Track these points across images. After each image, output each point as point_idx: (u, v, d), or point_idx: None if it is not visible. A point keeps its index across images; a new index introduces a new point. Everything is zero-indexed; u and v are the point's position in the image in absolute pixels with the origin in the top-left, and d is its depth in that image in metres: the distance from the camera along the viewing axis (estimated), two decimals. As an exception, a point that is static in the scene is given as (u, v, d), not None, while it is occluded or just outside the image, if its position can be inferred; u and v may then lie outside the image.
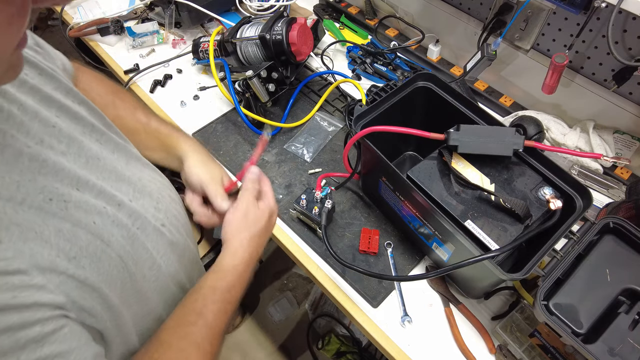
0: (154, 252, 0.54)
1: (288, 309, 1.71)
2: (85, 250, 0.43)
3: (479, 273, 0.73)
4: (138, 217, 0.52)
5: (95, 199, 0.47)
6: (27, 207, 0.40)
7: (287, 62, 1.05)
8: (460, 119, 0.77)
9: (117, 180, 0.52)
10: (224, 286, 0.57)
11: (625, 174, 0.95)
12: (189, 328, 0.52)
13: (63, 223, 0.42)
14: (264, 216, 0.65)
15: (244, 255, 0.61)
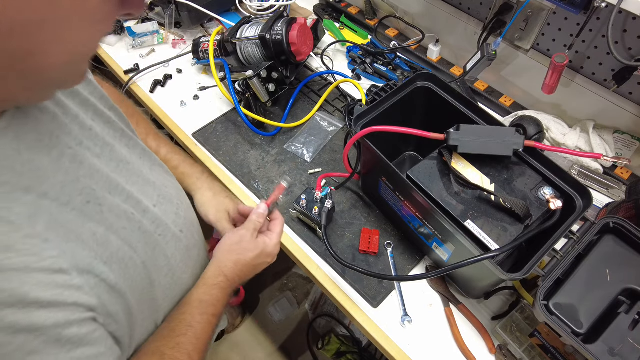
0: (171, 260, 0.56)
1: (288, 309, 1.71)
2: (116, 256, 0.45)
3: (479, 273, 0.73)
4: (160, 224, 0.54)
5: (125, 204, 0.49)
6: (70, 209, 0.41)
7: (287, 62, 1.05)
8: (460, 119, 0.77)
9: (144, 185, 0.54)
10: (210, 300, 0.61)
11: (625, 174, 0.95)
12: (179, 338, 0.55)
13: (98, 227, 0.44)
14: (257, 248, 0.68)
15: (227, 274, 0.65)
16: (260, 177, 0.99)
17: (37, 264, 0.36)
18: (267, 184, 0.98)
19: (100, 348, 0.41)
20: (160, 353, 0.52)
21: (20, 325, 0.34)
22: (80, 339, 0.38)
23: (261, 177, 0.99)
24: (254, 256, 0.68)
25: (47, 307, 0.36)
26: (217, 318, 0.61)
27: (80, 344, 0.38)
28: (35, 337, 0.35)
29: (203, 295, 0.61)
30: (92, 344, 0.40)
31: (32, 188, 0.38)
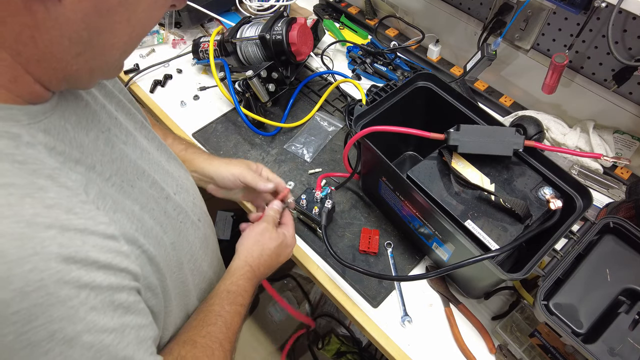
0: (192, 246, 0.58)
1: (288, 309, 1.72)
2: (150, 233, 0.47)
3: (479, 273, 0.73)
4: (181, 211, 0.56)
5: (150, 189, 0.51)
6: (111, 185, 0.44)
7: (287, 62, 1.05)
8: (460, 119, 0.77)
9: (164, 174, 0.56)
10: (237, 290, 0.63)
11: (625, 174, 0.95)
12: (210, 327, 0.56)
13: (134, 205, 0.46)
14: (278, 238, 0.71)
15: (252, 264, 0.67)
16: (260, 177, 0.99)
17: (94, 227, 0.38)
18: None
19: (144, 320, 0.43)
20: (192, 341, 0.54)
21: (83, 281, 0.36)
22: (129, 306, 0.40)
23: (261, 177, 0.99)
24: (277, 245, 0.71)
25: (104, 268, 0.38)
26: (245, 308, 0.63)
27: (129, 311, 0.40)
28: (96, 295, 0.37)
29: (230, 286, 0.63)
30: (138, 314, 0.42)
31: (81, 161, 0.42)
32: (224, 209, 1.82)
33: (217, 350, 0.54)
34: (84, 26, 0.35)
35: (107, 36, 0.38)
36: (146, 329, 0.43)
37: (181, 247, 0.54)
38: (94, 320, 0.36)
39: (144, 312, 0.43)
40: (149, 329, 0.43)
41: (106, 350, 0.37)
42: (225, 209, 1.82)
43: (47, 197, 0.36)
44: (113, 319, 0.38)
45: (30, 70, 0.37)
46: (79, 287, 0.35)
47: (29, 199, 0.35)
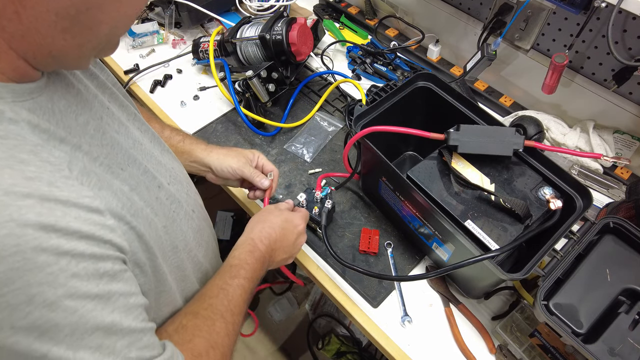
0: (186, 235, 0.59)
1: (288, 309, 1.71)
2: (140, 213, 0.47)
3: (479, 273, 0.73)
4: (174, 201, 0.57)
5: (142, 176, 0.52)
6: (99, 164, 0.45)
7: (287, 62, 1.05)
8: (460, 119, 0.77)
9: (157, 165, 0.57)
10: (239, 264, 0.64)
11: (625, 174, 0.95)
12: (212, 300, 0.57)
13: (123, 185, 0.46)
14: (282, 215, 0.74)
15: (254, 237, 0.69)
16: (260, 177, 0.99)
17: (76, 200, 0.39)
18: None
19: (133, 288, 0.43)
20: (195, 312, 0.55)
21: (63, 249, 0.36)
22: (114, 274, 0.40)
23: (261, 177, 0.99)
24: (282, 220, 0.73)
25: (86, 239, 0.38)
26: (250, 282, 0.63)
27: (115, 279, 0.40)
28: (77, 262, 0.37)
29: (232, 260, 0.65)
30: (125, 282, 0.42)
31: (66, 140, 0.42)
32: (224, 209, 1.82)
33: (218, 321, 0.55)
34: (70, 3, 0.35)
35: (95, 12, 0.37)
36: (135, 297, 0.43)
37: (174, 233, 0.55)
38: (75, 286, 0.37)
39: (132, 281, 0.43)
40: (138, 298, 0.43)
41: (91, 315, 0.38)
42: (225, 209, 1.82)
43: (28, 170, 0.36)
44: (98, 286, 0.38)
45: (14, 46, 0.37)
46: (58, 255, 0.36)
47: (8, 170, 0.35)
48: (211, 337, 0.53)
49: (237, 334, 0.58)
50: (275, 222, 0.72)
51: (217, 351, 0.53)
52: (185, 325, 0.53)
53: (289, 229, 0.74)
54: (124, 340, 0.40)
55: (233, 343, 0.56)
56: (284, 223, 0.73)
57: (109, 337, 0.39)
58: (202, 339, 0.53)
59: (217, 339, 0.54)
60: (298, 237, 0.75)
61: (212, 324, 0.55)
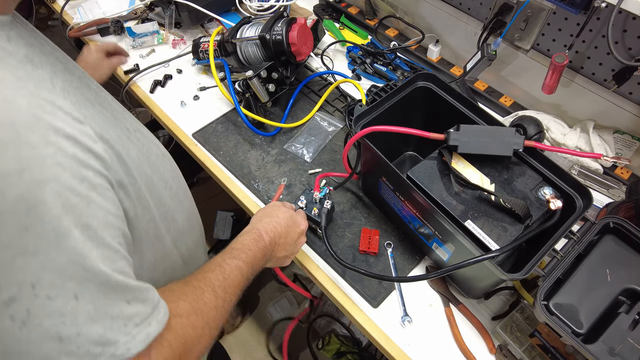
0: (164, 174, 0.60)
1: (288, 309, 1.71)
2: (119, 139, 0.48)
3: (479, 273, 0.73)
4: (145, 143, 0.58)
5: (113, 117, 0.52)
6: (75, 90, 0.45)
7: (287, 62, 1.05)
8: (460, 119, 0.77)
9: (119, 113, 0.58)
10: (241, 248, 0.65)
11: (625, 174, 0.95)
12: (207, 274, 0.58)
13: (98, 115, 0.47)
14: (287, 212, 0.76)
15: (259, 227, 0.70)
16: (260, 177, 0.99)
17: (61, 104, 0.40)
18: (267, 184, 0.98)
19: (113, 208, 0.43)
20: (185, 281, 0.55)
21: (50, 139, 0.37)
22: (95, 185, 0.40)
23: (261, 177, 0.99)
24: (287, 217, 0.75)
25: (71, 139, 0.39)
26: (249, 267, 0.63)
27: (95, 190, 0.40)
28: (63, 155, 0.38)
29: (235, 244, 0.66)
30: (106, 199, 0.42)
31: (44, 66, 0.43)
32: (224, 209, 1.82)
33: (208, 292, 0.54)
34: None
35: None
36: (115, 218, 0.43)
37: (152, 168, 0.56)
38: (60, 175, 0.37)
39: (113, 202, 0.43)
40: (118, 221, 0.43)
41: (75, 209, 0.38)
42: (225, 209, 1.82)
43: (17, 72, 0.38)
44: (80, 186, 0.38)
45: None
46: (47, 143, 0.37)
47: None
48: (197, 304, 0.52)
49: (227, 312, 0.57)
50: (282, 218, 0.74)
51: (199, 318, 0.51)
52: (173, 289, 0.53)
53: (293, 228, 0.75)
54: (100, 250, 0.40)
55: (220, 319, 0.55)
56: (289, 220, 0.74)
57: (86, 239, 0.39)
58: (186, 303, 0.52)
59: (203, 307, 0.53)
60: (299, 237, 0.76)
61: (202, 293, 0.54)
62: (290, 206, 0.80)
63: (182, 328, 0.48)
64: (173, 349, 0.46)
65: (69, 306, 0.37)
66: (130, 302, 0.42)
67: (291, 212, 0.77)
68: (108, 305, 0.40)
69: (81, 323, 0.38)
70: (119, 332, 0.40)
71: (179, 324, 0.48)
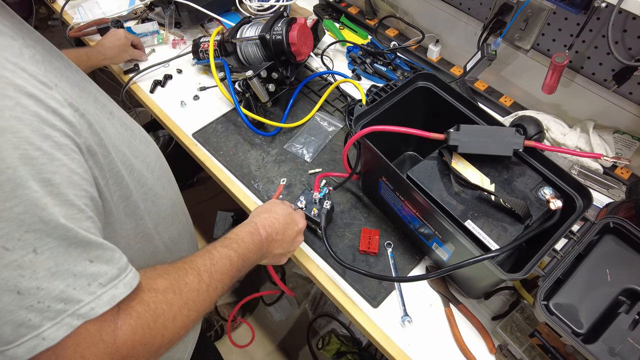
0: (147, 159, 0.61)
1: (288, 309, 1.71)
2: (94, 114, 0.48)
3: (479, 273, 0.73)
4: (128, 127, 0.59)
5: (94, 102, 0.53)
6: (49, 63, 0.46)
7: (287, 62, 1.05)
8: (460, 119, 0.77)
9: (109, 101, 0.59)
10: (234, 238, 0.65)
11: (625, 174, 0.95)
12: (195, 258, 0.58)
13: (74, 88, 0.48)
14: (286, 209, 0.76)
15: (257, 221, 0.70)
16: (260, 177, 0.99)
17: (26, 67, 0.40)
18: (267, 184, 0.98)
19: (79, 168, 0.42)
20: (173, 263, 0.55)
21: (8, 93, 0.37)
22: (60, 145, 0.40)
23: (261, 177, 0.99)
24: (286, 214, 0.75)
25: (33, 98, 0.39)
26: (240, 258, 0.63)
27: (60, 149, 0.40)
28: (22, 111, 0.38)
29: (229, 234, 0.66)
30: (72, 159, 0.41)
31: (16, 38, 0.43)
32: (224, 209, 1.83)
33: (192, 275, 0.54)
34: None
35: None
36: (80, 178, 0.42)
37: (131, 149, 0.56)
38: (18, 127, 0.37)
39: (80, 164, 0.43)
40: (85, 182, 0.43)
41: (34, 162, 0.37)
42: (225, 209, 1.82)
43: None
44: (42, 143, 0.38)
45: None
46: (4, 96, 0.37)
47: None
48: (177, 283, 0.52)
49: (211, 299, 0.56)
50: (280, 215, 0.74)
51: (177, 297, 0.50)
52: (156, 268, 0.53)
53: (291, 225, 0.75)
54: (62, 207, 0.39)
55: (202, 303, 0.54)
56: (287, 218, 0.74)
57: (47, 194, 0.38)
58: (165, 280, 0.51)
59: (183, 288, 0.52)
60: (297, 236, 0.76)
61: (185, 274, 0.53)
62: (289, 204, 0.80)
63: (156, 303, 0.48)
64: (142, 321, 0.45)
65: (27, 259, 0.37)
66: (93, 260, 0.41)
67: (290, 210, 0.77)
68: (69, 261, 0.39)
69: (41, 277, 0.38)
70: (82, 291, 0.40)
71: (153, 298, 0.48)
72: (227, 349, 1.65)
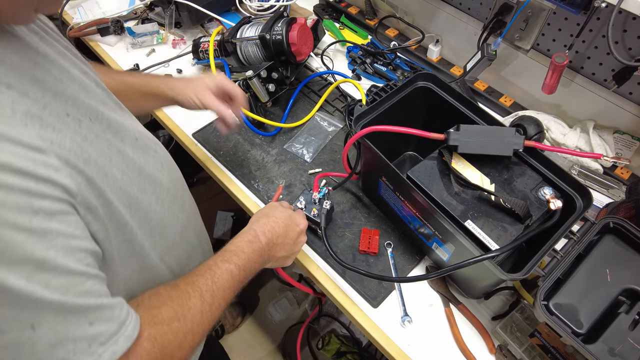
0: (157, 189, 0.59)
1: (288, 309, 1.71)
2: (95, 163, 0.46)
3: (479, 273, 0.73)
4: (143, 150, 0.58)
5: (104, 133, 0.51)
6: (49, 112, 0.43)
7: (287, 62, 1.05)
8: (460, 119, 0.77)
9: (119, 124, 0.56)
10: (234, 250, 0.64)
11: (625, 174, 0.95)
12: (196, 277, 0.57)
13: (76, 136, 0.45)
14: (285, 211, 0.75)
15: (256, 228, 0.70)
16: (260, 177, 0.99)
17: (15, 136, 0.37)
18: (267, 184, 0.98)
19: (76, 231, 0.41)
20: (175, 284, 0.55)
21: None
22: (53, 213, 0.38)
23: (261, 177, 0.99)
24: (285, 217, 0.74)
25: (19, 173, 0.36)
26: (241, 270, 0.62)
27: (53, 218, 0.38)
28: (5, 193, 0.35)
29: (229, 246, 0.65)
30: (68, 224, 0.40)
31: (13, 86, 0.40)
32: (224, 209, 1.83)
33: (195, 297, 0.54)
34: None
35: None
36: (79, 241, 0.41)
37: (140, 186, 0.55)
38: (3, 216, 0.35)
39: (77, 225, 0.41)
40: (84, 242, 0.42)
41: (19, 245, 0.36)
42: (225, 209, 1.83)
43: None
44: (31, 221, 0.37)
45: None
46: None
47: None
48: (181, 310, 0.52)
49: (214, 317, 0.57)
50: (280, 217, 0.73)
51: (182, 324, 0.51)
52: (160, 292, 0.53)
53: (292, 227, 0.74)
54: (60, 279, 0.38)
55: (206, 324, 0.55)
56: (287, 220, 0.74)
57: (42, 272, 0.37)
58: (170, 308, 0.51)
59: (187, 313, 0.52)
60: (299, 236, 0.76)
61: (188, 298, 0.54)
62: (287, 205, 0.79)
63: (162, 335, 0.48)
64: (150, 356, 0.46)
65: (25, 336, 0.37)
66: (93, 322, 0.41)
67: (289, 212, 0.76)
68: (68, 329, 0.39)
69: (41, 351, 0.37)
70: (83, 354, 0.40)
71: (159, 331, 0.48)
72: (228, 349, 1.65)
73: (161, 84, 0.82)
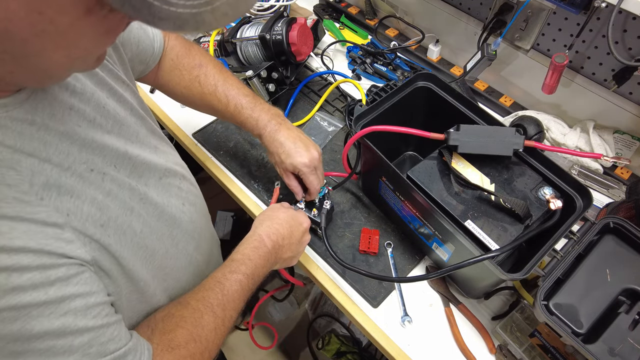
0: (176, 233, 0.60)
1: (288, 309, 1.71)
2: (114, 222, 0.47)
3: (479, 273, 0.73)
4: (166, 198, 0.58)
5: (129, 178, 0.52)
6: (70, 174, 0.44)
7: (287, 62, 1.05)
8: (460, 119, 0.77)
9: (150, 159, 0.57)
10: (241, 259, 0.64)
11: (626, 174, 0.95)
12: (206, 292, 0.58)
13: (97, 193, 0.46)
14: (288, 211, 0.75)
15: (261, 233, 0.69)
16: (260, 177, 0.99)
17: (30, 215, 0.39)
18: (267, 184, 0.97)
19: (92, 287, 0.43)
20: (186, 302, 0.55)
21: (3, 264, 0.36)
22: (68, 278, 0.40)
23: (261, 177, 0.99)
24: (288, 217, 0.73)
25: (33, 252, 0.38)
26: (250, 279, 0.62)
27: (69, 283, 0.40)
28: (19, 274, 0.37)
29: (235, 255, 0.65)
30: (83, 283, 0.42)
31: (35, 153, 0.41)
32: (224, 209, 1.83)
33: (207, 314, 0.55)
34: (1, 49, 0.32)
35: (37, 59, 0.34)
36: (96, 296, 0.43)
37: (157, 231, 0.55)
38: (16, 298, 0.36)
39: (91, 280, 0.43)
40: (100, 296, 0.43)
41: (36, 321, 0.37)
42: (225, 209, 1.83)
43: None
44: (47, 293, 0.38)
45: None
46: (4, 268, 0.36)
47: None
48: (195, 330, 0.53)
49: (227, 329, 0.57)
50: (283, 219, 0.73)
51: (198, 344, 0.52)
52: (172, 314, 0.53)
53: (296, 226, 0.74)
54: (82, 337, 0.40)
55: (220, 338, 0.56)
56: (290, 220, 0.73)
57: (62, 338, 0.39)
58: (184, 330, 0.52)
59: (202, 332, 0.53)
60: (303, 235, 0.76)
61: (200, 316, 0.54)
62: (288, 206, 0.79)
63: (179, 359, 0.50)
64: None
65: None
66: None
67: (292, 212, 0.76)
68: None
69: None
70: None
71: (176, 356, 0.49)
72: (228, 348, 1.65)
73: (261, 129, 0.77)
